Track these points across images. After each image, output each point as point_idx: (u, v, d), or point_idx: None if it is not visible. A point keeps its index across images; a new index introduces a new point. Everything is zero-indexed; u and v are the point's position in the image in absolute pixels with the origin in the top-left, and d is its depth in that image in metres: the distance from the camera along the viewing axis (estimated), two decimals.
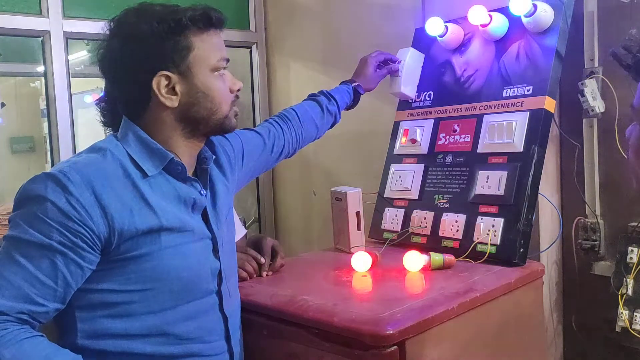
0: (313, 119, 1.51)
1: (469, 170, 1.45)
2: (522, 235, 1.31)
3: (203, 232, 1.07)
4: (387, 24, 1.98)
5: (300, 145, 1.49)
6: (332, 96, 1.55)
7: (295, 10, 2.37)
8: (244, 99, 2.59)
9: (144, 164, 1.01)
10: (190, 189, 1.06)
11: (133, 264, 0.97)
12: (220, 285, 1.09)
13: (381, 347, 0.95)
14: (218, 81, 1.05)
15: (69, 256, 0.91)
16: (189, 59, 1.01)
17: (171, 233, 1.00)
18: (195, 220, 1.06)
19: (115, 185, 0.96)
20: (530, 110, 1.38)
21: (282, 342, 1.12)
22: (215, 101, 1.05)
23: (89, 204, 0.92)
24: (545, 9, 1.39)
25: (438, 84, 1.63)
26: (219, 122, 1.06)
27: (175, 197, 1.03)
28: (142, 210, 0.98)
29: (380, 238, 1.60)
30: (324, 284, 1.27)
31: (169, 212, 1.01)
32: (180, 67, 1.01)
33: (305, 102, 1.55)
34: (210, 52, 1.04)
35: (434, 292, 1.14)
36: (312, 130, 1.51)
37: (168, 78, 1.00)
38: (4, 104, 3.53)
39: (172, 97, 1.01)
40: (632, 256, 1.41)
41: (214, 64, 1.05)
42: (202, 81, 1.03)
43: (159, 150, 1.02)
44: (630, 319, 1.39)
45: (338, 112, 1.57)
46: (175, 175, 1.04)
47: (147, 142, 1.02)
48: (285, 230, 2.53)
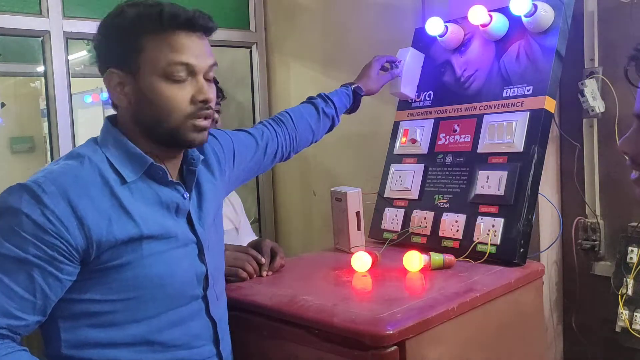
0: (308, 122, 1.48)
1: (469, 170, 1.45)
2: (522, 235, 1.31)
3: (187, 237, 1.04)
4: (387, 24, 1.98)
5: (295, 148, 1.47)
6: (329, 99, 1.53)
7: (295, 10, 2.37)
8: (244, 99, 2.60)
9: (123, 170, 0.97)
10: (173, 192, 1.02)
11: (114, 273, 0.95)
12: (207, 289, 1.06)
13: (381, 347, 0.95)
14: (170, 88, 0.96)
15: (46, 269, 0.89)
16: (139, 60, 0.95)
17: (153, 241, 0.97)
18: (178, 225, 1.03)
19: (92, 194, 0.93)
20: (530, 110, 1.38)
21: (282, 343, 1.12)
22: (163, 110, 0.96)
23: (64, 216, 0.89)
24: (545, 9, 1.39)
25: (438, 84, 1.63)
26: (169, 131, 0.98)
27: (157, 202, 1.00)
28: (121, 219, 0.94)
29: (380, 238, 1.60)
30: (324, 284, 1.27)
31: (150, 219, 0.97)
32: (130, 67, 0.96)
33: (301, 105, 1.52)
34: (161, 56, 0.95)
35: (434, 292, 1.13)
36: (307, 133, 1.48)
37: (117, 76, 0.97)
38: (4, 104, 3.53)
39: (120, 96, 0.98)
40: (632, 256, 1.41)
41: (164, 69, 0.95)
42: (148, 86, 0.96)
43: (138, 155, 0.99)
44: (630, 319, 1.39)
45: (336, 115, 1.54)
46: (156, 179, 1.01)
47: (126, 146, 0.99)
48: (286, 230, 2.53)
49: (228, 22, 2.41)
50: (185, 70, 0.96)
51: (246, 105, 2.59)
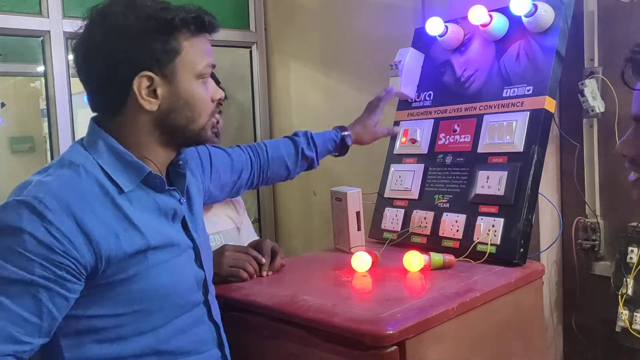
0: (284, 159, 1.45)
1: (469, 170, 1.45)
2: (522, 235, 1.31)
3: (185, 243, 1.02)
4: (387, 24, 1.98)
5: (265, 181, 1.45)
6: (313, 141, 1.49)
7: (295, 10, 2.37)
8: (244, 99, 2.60)
9: (118, 179, 0.93)
10: (170, 198, 1.00)
11: (120, 287, 0.91)
12: (207, 294, 1.06)
13: (381, 347, 0.95)
14: (201, 89, 0.98)
15: (53, 290, 0.85)
16: (176, 62, 0.94)
17: (158, 251, 0.95)
18: (177, 232, 1.01)
19: (96, 208, 0.89)
20: (531, 110, 1.38)
21: (282, 343, 1.12)
22: (196, 110, 0.98)
23: (70, 232, 0.85)
24: (545, 9, 1.39)
25: (438, 84, 1.63)
26: (195, 133, 1.00)
27: (155, 210, 0.98)
28: (128, 231, 0.92)
29: (380, 238, 1.60)
30: (324, 284, 1.27)
31: (154, 229, 0.95)
32: (165, 69, 0.94)
33: (283, 139, 1.49)
34: (198, 58, 0.97)
35: (434, 292, 1.13)
36: (280, 170, 1.46)
37: (150, 79, 0.93)
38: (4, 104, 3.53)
39: (151, 100, 0.94)
40: (632, 256, 1.41)
41: (200, 71, 0.97)
42: (185, 87, 0.96)
43: (135, 164, 0.95)
44: (630, 319, 1.39)
45: (316, 159, 1.50)
46: (153, 187, 0.98)
47: (121, 154, 0.95)
48: (286, 230, 2.53)
49: (228, 22, 2.41)
50: (210, 72, 1.00)
51: (246, 105, 2.59)
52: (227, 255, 1.25)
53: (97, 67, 0.94)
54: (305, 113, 2.39)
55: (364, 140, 1.59)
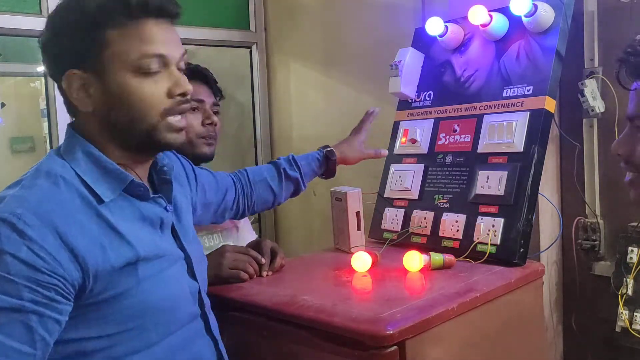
0: (268, 183, 1.40)
1: (469, 170, 1.45)
2: (522, 235, 1.31)
3: (176, 253, 0.96)
4: (387, 24, 1.98)
5: (251, 207, 1.39)
6: (295, 162, 1.44)
7: (295, 10, 2.37)
8: (244, 99, 2.60)
9: (98, 188, 0.86)
10: (155, 206, 0.94)
11: (110, 305, 0.84)
12: (203, 307, 1.01)
13: (381, 347, 0.95)
14: (143, 83, 0.87)
15: (44, 314, 0.78)
16: (104, 56, 0.85)
17: (148, 262, 0.89)
18: (166, 241, 0.95)
19: (79, 220, 0.82)
20: (531, 110, 1.38)
21: (282, 343, 1.12)
22: (136, 108, 0.87)
23: (55, 249, 0.78)
24: (545, 9, 1.39)
25: (438, 84, 1.63)
26: (145, 133, 0.89)
27: (140, 219, 0.91)
28: (115, 243, 0.85)
29: (380, 238, 1.60)
30: (324, 284, 1.27)
31: (142, 238, 0.89)
32: (93, 65, 0.86)
33: (264, 165, 1.46)
34: (132, 48, 0.86)
35: (434, 292, 1.13)
36: (266, 194, 1.41)
37: (81, 77, 0.86)
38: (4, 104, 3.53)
39: (84, 100, 0.87)
40: (632, 256, 1.41)
41: (135, 63, 0.86)
42: (120, 83, 0.86)
43: (116, 172, 0.88)
44: (630, 319, 1.39)
45: (301, 179, 1.44)
46: (136, 195, 0.91)
47: (101, 161, 0.88)
48: (285, 231, 2.53)
49: (228, 22, 2.42)
50: (158, 62, 0.88)
51: (246, 105, 2.59)
52: (227, 257, 1.25)
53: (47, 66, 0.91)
54: (305, 113, 2.39)
55: (349, 159, 1.53)
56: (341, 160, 1.52)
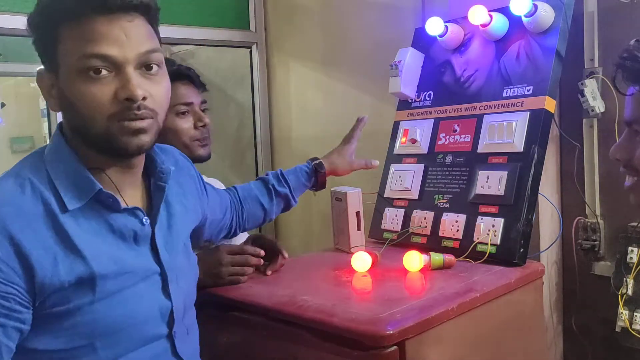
0: (258, 199, 1.35)
1: (469, 170, 1.45)
2: (522, 235, 1.31)
3: (149, 269, 0.89)
4: (387, 24, 1.98)
5: (241, 225, 1.34)
6: (284, 177, 1.39)
7: (295, 10, 2.37)
8: (244, 99, 2.60)
9: (65, 195, 0.81)
10: (128, 219, 0.87)
11: (61, 320, 0.80)
12: (173, 326, 0.92)
13: (381, 347, 0.95)
14: (88, 86, 0.79)
15: (7, 325, 0.75)
16: (57, 54, 0.80)
17: (107, 280, 0.82)
18: (138, 255, 0.88)
19: (36, 227, 0.78)
20: (531, 110, 1.38)
21: (282, 342, 1.12)
22: (84, 113, 0.80)
23: (8, 256, 0.75)
24: (545, 9, 1.39)
25: (438, 84, 1.63)
26: (99, 138, 0.82)
27: (109, 232, 0.84)
28: (68, 256, 0.79)
29: (380, 238, 1.60)
30: (324, 284, 1.27)
31: (102, 254, 0.82)
32: (52, 64, 0.82)
33: (254, 182, 1.40)
34: (75, 47, 0.79)
35: (434, 292, 1.13)
36: (257, 210, 1.36)
37: (47, 78, 0.84)
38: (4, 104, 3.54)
39: (51, 101, 0.84)
40: (632, 256, 1.41)
41: (77, 64, 0.79)
42: (68, 85, 0.80)
43: (85, 179, 0.83)
44: (630, 319, 1.39)
45: (291, 195, 1.40)
46: (106, 206, 0.85)
47: (74, 165, 0.83)
48: (285, 230, 2.53)
49: (228, 22, 2.41)
50: (105, 63, 0.79)
51: (246, 106, 2.59)
52: (224, 263, 1.23)
53: None
54: (305, 113, 2.39)
55: (339, 169, 1.49)
56: (331, 171, 1.47)
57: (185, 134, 1.41)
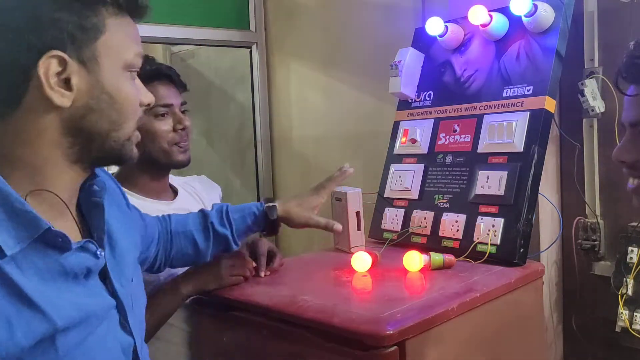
0: (191, 234, 1.18)
1: (469, 170, 1.45)
2: (522, 235, 1.31)
3: (106, 305, 0.77)
4: (387, 24, 1.98)
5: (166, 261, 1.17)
6: (227, 215, 1.21)
7: (295, 10, 2.37)
8: (244, 99, 2.60)
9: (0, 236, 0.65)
10: (80, 255, 0.73)
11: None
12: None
13: (381, 347, 0.95)
14: (130, 85, 0.76)
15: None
16: (98, 44, 0.71)
17: (69, 332, 0.69)
18: (92, 293, 0.75)
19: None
20: (531, 110, 1.38)
21: (282, 342, 1.12)
22: (123, 112, 0.74)
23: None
24: (545, 9, 1.39)
25: (438, 84, 1.63)
26: (120, 143, 0.76)
27: (60, 274, 0.70)
28: (23, 314, 0.64)
29: (380, 238, 1.60)
30: (324, 284, 1.27)
31: (60, 301, 0.68)
32: (83, 52, 0.70)
33: (192, 214, 1.23)
34: (127, 43, 0.75)
35: (434, 292, 1.13)
36: (187, 247, 1.18)
37: (63, 63, 0.68)
38: None
39: (64, 92, 0.69)
40: (632, 256, 1.41)
41: (130, 60, 0.75)
42: (111, 80, 0.72)
43: (27, 215, 0.67)
44: (630, 319, 1.39)
45: (231, 237, 1.21)
46: (53, 246, 0.70)
47: (9, 199, 0.67)
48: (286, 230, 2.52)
49: (228, 22, 2.41)
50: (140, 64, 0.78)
51: (246, 105, 2.59)
52: (223, 265, 1.23)
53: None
54: (305, 113, 2.39)
55: (293, 220, 1.29)
56: (284, 219, 1.28)
57: (164, 137, 1.31)
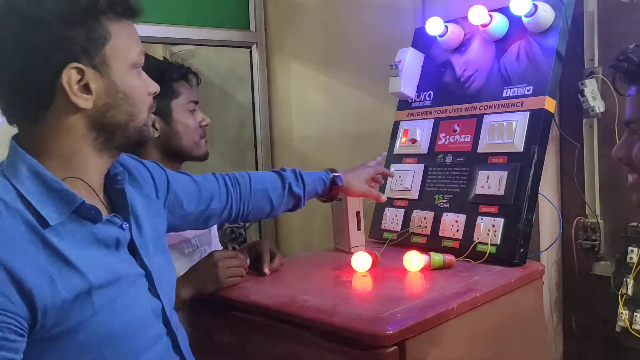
0: (268, 193, 1.29)
1: (469, 170, 1.45)
2: (522, 235, 1.31)
3: (135, 272, 0.89)
4: (387, 24, 1.98)
5: (244, 215, 1.28)
6: (301, 178, 1.33)
7: (295, 10, 2.37)
8: (244, 99, 2.60)
9: (44, 210, 0.78)
10: (109, 226, 0.86)
11: (64, 339, 0.78)
12: (169, 324, 0.93)
13: (381, 347, 0.95)
14: (138, 80, 0.88)
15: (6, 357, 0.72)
16: (105, 50, 0.82)
17: (103, 289, 0.81)
18: (123, 262, 0.88)
19: (24, 249, 0.75)
20: (531, 110, 1.38)
21: (282, 342, 1.12)
22: (136, 104, 0.87)
23: (2, 284, 0.72)
24: (545, 9, 1.39)
25: (438, 84, 1.63)
26: (138, 130, 0.88)
27: (93, 242, 0.84)
28: (63, 272, 0.77)
29: (380, 238, 1.60)
30: (324, 284, 1.27)
31: (94, 264, 0.81)
32: (94, 59, 0.81)
33: (269, 172, 1.34)
34: (130, 44, 0.86)
35: (434, 292, 1.13)
36: (264, 204, 1.29)
37: (81, 72, 0.80)
38: None
39: (85, 97, 0.81)
40: (632, 256, 1.41)
41: (134, 59, 0.86)
42: (121, 78, 0.84)
43: (64, 192, 0.81)
44: (630, 319, 1.39)
45: (303, 197, 1.33)
46: (87, 218, 0.84)
47: (47, 181, 0.80)
48: (286, 230, 2.53)
49: (228, 22, 2.41)
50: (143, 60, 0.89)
51: (246, 105, 2.59)
52: (220, 267, 1.22)
53: (13, 66, 0.80)
54: (305, 113, 2.39)
55: (352, 190, 1.41)
56: (344, 189, 1.41)
57: (196, 130, 1.44)
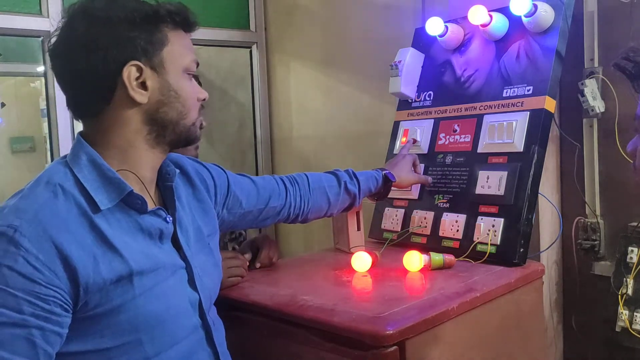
0: (325, 191, 1.34)
1: (469, 170, 1.45)
2: (522, 235, 1.31)
3: (175, 263, 0.95)
4: (387, 24, 1.98)
5: (305, 213, 1.33)
6: (355, 176, 1.39)
7: (295, 10, 2.37)
8: (244, 99, 2.60)
9: (96, 195, 0.86)
10: (154, 218, 0.93)
11: (106, 319, 0.84)
12: (205, 317, 0.99)
13: (381, 347, 0.95)
14: (189, 84, 0.97)
15: (46, 328, 0.78)
16: (163, 53, 0.92)
17: (144, 276, 0.88)
18: (165, 252, 0.94)
19: (73, 229, 0.82)
20: (531, 110, 1.38)
21: (282, 342, 1.12)
22: (186, 104, 0.95)
23: (50, 260, 0.78)
24: (545, 9, 1.39)
25: (438, 84, 1.63)
26: (187, 128, 0.96)
27: (138, 231, 0.91)
28: (107, 255, 0.84)
29: (380, 238, 1.60)
30: (324, 284, 1.27)
31: (136, 251, 0.88)
32: (152, 60, 0.91)
33: (323, 173, 1.39)
34: (184, 51, 0.96)
35: (434, 292, 1.14)
36: (322, 202, 1.35)
37: (140, 70, 0.90)
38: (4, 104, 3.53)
39: (142, 92, 0.90)
40: (632, 256, 1.41)
41: (187, 65, 0.96)
42: (174, 80, 0.94)
43: (116, 180, 0.89)
44: (630, 319, 1.39)
45: (358, 195, 1.38)
46: (135, 208, 0.91)
47: (102, 169, 0.89)
48: (286, 231, 2.53)
49: (228, 22, 2.41)
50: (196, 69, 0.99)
51: (246, 105, 2.59)
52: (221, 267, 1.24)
53: (80, 62, 0.88)
54: (305, 113, 2.39)
55: (403, 182, 1.47)
56: (396, 184, 1.46)
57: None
